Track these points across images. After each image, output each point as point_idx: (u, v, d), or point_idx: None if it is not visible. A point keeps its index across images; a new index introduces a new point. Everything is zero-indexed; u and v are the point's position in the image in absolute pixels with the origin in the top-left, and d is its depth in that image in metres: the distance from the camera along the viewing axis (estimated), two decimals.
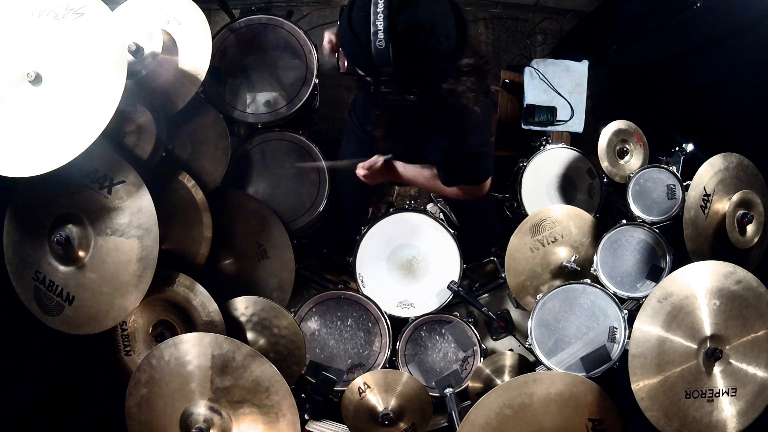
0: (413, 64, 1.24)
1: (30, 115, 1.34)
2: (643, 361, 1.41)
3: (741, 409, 1.44)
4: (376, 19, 1.16)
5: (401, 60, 1.20)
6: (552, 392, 1.42)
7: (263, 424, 1.40)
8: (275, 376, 1.39)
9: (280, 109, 2.11)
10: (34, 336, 1.60)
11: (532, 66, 2.40)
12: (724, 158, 1.81)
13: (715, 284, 1.45)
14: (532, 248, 2.02)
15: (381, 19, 1.16)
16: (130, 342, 1.63)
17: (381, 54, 1.19)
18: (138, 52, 1.65)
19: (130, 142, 1.63)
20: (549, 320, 1.88)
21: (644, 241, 2.00)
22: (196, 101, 1.80)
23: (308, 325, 2.03)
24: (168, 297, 1.61)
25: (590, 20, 2.78)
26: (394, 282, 2.11)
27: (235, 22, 2.10)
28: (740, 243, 1.76)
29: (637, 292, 1.94)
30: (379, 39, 1.17)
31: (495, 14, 3.10)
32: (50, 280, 1.49)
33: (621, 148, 2.13)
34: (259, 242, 1.98)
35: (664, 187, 2.01)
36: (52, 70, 1.35)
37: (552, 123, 2.36)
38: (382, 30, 1.16)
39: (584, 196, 2.27)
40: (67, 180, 1.45)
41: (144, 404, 1.39)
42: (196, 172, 1.85)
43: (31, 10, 1.37)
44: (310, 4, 2.98)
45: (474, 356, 2.05)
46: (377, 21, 1.16)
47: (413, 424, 1.81)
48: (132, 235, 1.46)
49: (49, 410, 1.67)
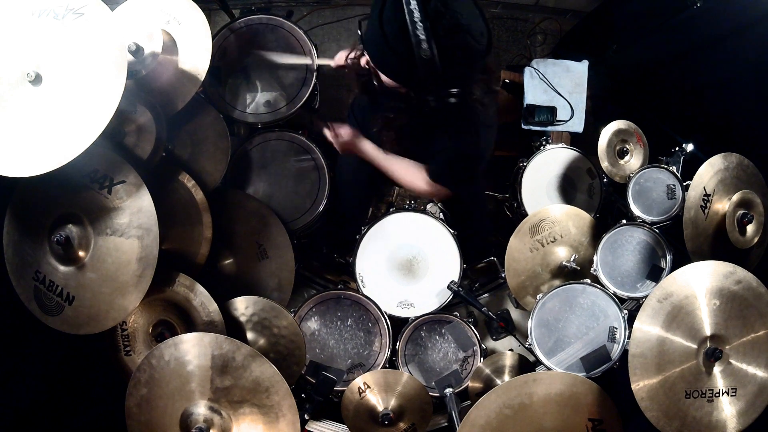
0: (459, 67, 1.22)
1: (30, 115, 1.33)
2: (643, 361, 1.41)
3: (741, 409, 1.44)
4: (415, 29, 1.12)
5: (448, 65, 1.17)
6: (552, 392, 1.42)
7: (263, 424, 1.40)
8: (275, 376, 1.38)
9: (280, 109, 2.11)
10: (34, 336, 1.60)
11: (532, 66, 2.40)
12: (724, 158, 1.81)
13: (715, 284, 1.45)
14: (532, 248, 2.02)
15: (421, 28, 1.12)
16: (130, 342, 1.63)
17: (427, 63, 1.16)
18: (138, 52, 1.65)
19: (130, 142, 1.62)
20: (549, 320, 1.88)
21: (644, 241, 2.00)
22: (196, 101, 1.80)
23: (308, 325, 2.03)
24: (168, 297, 1.61)
25: (590, 20, 2.78)
26: (394, 282, 2.11)
27: (235, 22, 2.10)
28: (740, 243, 1.76)
29: (637, 292, 1.94)
30: (424, 48, 1.13)
31: (495, 14, 3.10)
32: (50, 280, 1.49)
33: (621, 148, 2.13)
34: (259, 242, 1.98)
35: (664, 187, 2.01)
36: (52, 70, 1.34)
37: (552, 123, 2.36)
38: (425, 39, 1.12)
39: (584, 196, 2.27)
40: (67, 180, 1.45)
41: (144, 404, 1.39)
42: (196, 172, 1.85)
43: (31, 10, 1.37)
44: (310, 4, 2.98)
45: (474, 356, 2.05)
46: (417, 31, 1.12)
47: (413, 424, 1.81)
48: (132, 235, 1.46)
49: (49, 410, 1.67)
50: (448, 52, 1.16)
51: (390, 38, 1.18)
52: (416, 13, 1.11)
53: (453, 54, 1.18)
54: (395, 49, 1.19)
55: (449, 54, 1.16)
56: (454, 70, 1.21)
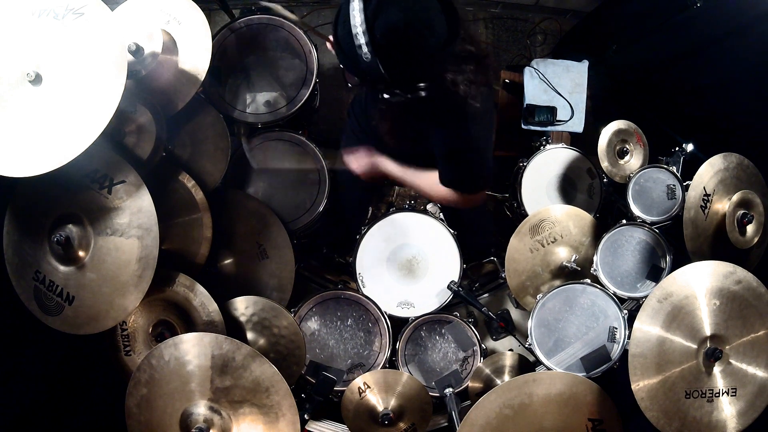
0: (404, 66, 1.23)
1: (30, 115, 1.33)
2: (643, 361, 1.41)
3: (741, 409, 1.44)
4: (357, 32, 1.15)
5: (391, 66, 1.19)
6: (552, 392, 1.42)
7: (263, 424, 1.40)
8: (275, 376, 1.39)
9: (280, 109, 2.11)
10: (34, 336, 1.60)
11: (532, 66, 2.40)
12: (724, 158, 1.81)
13: (715, 284, 1.45)
14: (532, 249, 2.02)
15: (361, 32, 1.15)
16: (130, 342, 1.63)
17: (370, 66, 1.19)
18: (138, 52, 1.65)
19: (130, 142, 1.63)
20: (549, 320, 1.88)
21: (644, 241, 2.00)
22: (196, 101, 1.80)
23: (308, 325, 2.03)
24: (168, 297, 1.61)
25: (590, 20, 2.78)
26: (394, 282, 2.11)
27: (235, 22, 2.10)
28: (740, 243, 1.76)
29: (637, 292, 1.94)
30: (365, 52, 1.17)
31: (495, 14, 3.10)
32: (50, 280, 1.49)
33: (621, 148, 2.13)
34: (259, 242, 1.98)
35: (664, 187, 2.01)
36: (52, 70, 1.35)
37: (552, 123, 2.36)
38: (364, 43, 1.16)
39: (584, 196, 2.27)
40: (67, 180, 1.45)
41: (144, 404, 1.39)
42: (196, 172, 1.85)
43: (31, 10, 1.37)
44: (309, 4, 2.98)
45: (474, 356, 2.05)
46: (358, 35, 1.15)
47: (413, 424, 1.81)
48: (132, 235, 1.46)
49: (49, 410, 1.67)
50: (387, 53, 1.18)
51: (341, 41, 1.22)
52: (357, 17, 1.15)
53: (392, 55, 1.19)
54: (344, 52, 1.23)
55: (388, 55, 1.18)
56: (399, 70, 1.22)
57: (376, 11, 1.15)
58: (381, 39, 1.16)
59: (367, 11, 1.15)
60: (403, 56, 1.21)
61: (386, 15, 1.15)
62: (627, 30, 2.51)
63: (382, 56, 1.18)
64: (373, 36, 1.15)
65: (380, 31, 1.16)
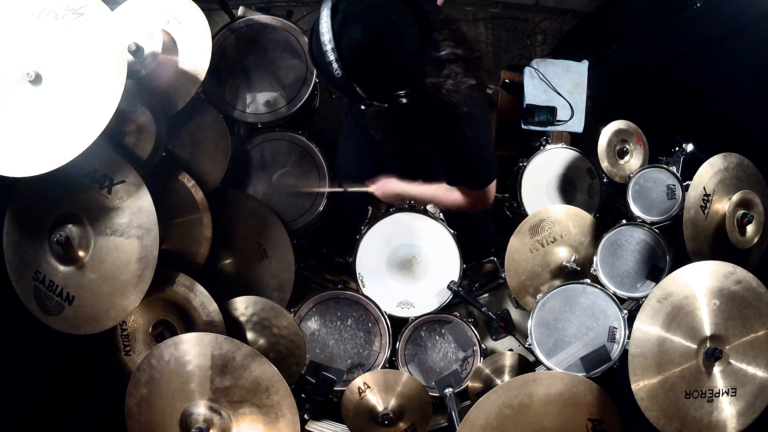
0: (375, 80, 1.23)
1: (30, 115, 1.33)
2: (643, 361, 1.41)
3: (741, 409, 1.44)
4: (326, 49, 1.16)
5: (361, 80, 1.20)
6: (552, 392, 1.42)
7: (263, 424, 1.40)
8: (275, 376, 1.39)
9: (280, 109, 2.11)
10: (34, 336, 1.60)
11: (532, 66, 2.40)
12: (724, 158, 1.81)
13: (715, 284, 1.45)
14: (532, 248, 2.02)
15: (330, 48, 1.15)
16: (130, 342, 1.63)
17: (342, 82, 1.19)
18: (138, 52, 1.65)
19: (130, 142, 1.62)
20: (549, 320, 1.88)
21: (644, 241, 1.99)
22: (196, 101, 1.80)
23: (308, 325, 2.03)
24: (168, 297, 1.61)
25: (590, 20, 2.78)
26: (394, 282, 2.11)
27: (235, 22, 2.10)
28: (740, 243, 1.76)
29: (637, 292, 1.94)
30: (335, 69, 1.17)
31: (495, 14, 3.10)
32: (50, 280, 1.49)
33: (621, 148, 2.13)
34: (259, 242, 1.98)
35: (664, 187, 2.01)
36: (52, 70, 1.35)
37: (552, 123, 2.36)
38: (334, 60, 1.16)
39: (584, 196, 2.27)
40: (67, 180, 1.45)
41: (144, 404, 1.39)
42: (196, 172, 1.85)
43: (31, 10, 1.37)
44: (310, 4, 2.98)
45: (474, 356, 2.05)
46: (328, 52, 1.16)
47: (413, 424, 1.81)
48: (132, 235, 1.46)
49: (49, 410, 1.67)
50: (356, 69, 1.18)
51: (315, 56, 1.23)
52: (325, 34, 1.15)
53: (361, 70, 1.19)
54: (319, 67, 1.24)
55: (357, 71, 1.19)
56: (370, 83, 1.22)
57: (340, 28, 1.15)
58: (348, 56, 1.17)
59: (334, 27, 1.15)
60: (373, 70, 1.21)
61: (350, 32, 1.15)
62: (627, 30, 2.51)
63: (351, 72, 1.18)
64: (340, 53, 1.16)
65: (346, 49, 1.16)
